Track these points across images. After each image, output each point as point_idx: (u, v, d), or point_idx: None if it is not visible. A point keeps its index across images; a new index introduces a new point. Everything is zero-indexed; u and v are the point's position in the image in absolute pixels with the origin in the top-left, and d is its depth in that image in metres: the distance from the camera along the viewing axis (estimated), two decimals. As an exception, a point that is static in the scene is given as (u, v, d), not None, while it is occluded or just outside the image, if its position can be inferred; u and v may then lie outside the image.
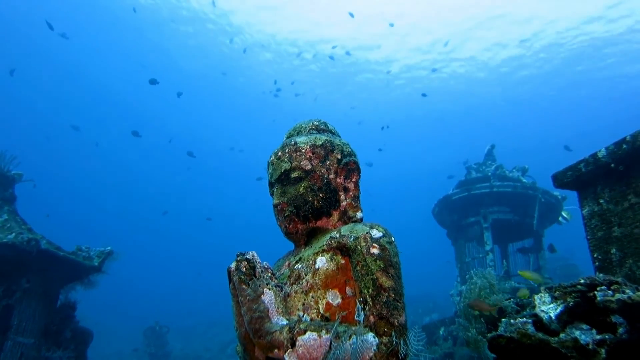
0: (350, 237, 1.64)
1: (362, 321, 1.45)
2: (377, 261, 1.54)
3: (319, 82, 38.04)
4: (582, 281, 2.01)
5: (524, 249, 10.42)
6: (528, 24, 28.97)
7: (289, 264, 1.83)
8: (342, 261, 1.64)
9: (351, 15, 24.10)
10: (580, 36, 28.77)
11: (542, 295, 2.10)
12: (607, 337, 1.74)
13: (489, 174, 10.81)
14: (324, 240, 1.74)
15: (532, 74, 33.45)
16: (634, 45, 28.13)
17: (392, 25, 26.10)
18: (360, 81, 37.67)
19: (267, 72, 36.92)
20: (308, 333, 1.40)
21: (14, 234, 6.76)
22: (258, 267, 1.62)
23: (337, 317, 1.52)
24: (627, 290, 1.82)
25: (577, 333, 1.81)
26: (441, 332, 9.04)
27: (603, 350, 1.71)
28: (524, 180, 10.48)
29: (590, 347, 1.74)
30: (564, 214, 10.25)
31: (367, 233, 1.63)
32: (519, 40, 29.43)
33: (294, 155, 1.87)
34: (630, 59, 29.31)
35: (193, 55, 35.98)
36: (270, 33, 33.21)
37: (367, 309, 1.47)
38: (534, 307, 2.10)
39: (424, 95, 25.50)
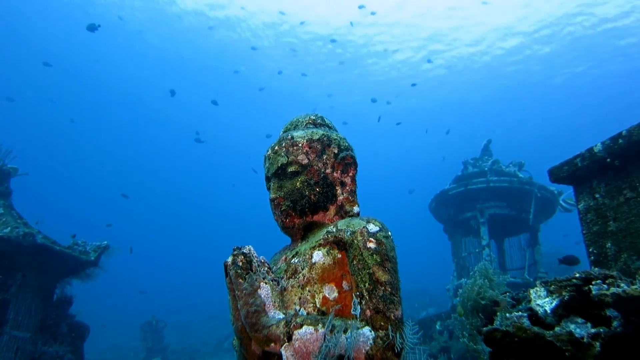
0: (347, 232, 1.64)
1: (358, 315, 1.45)
2: (374, 255, 1.54)
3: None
4: (577, 275, 2.02)
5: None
6: (524, 17, 28.93)
7: (286, 258, 1.82)
8: (339, 255, 1.64)
9: (360, 7, 25.67)
10: (574, 28, 28.78)
11: (538, 289, 2.11)
12: (601, 330, 1.75)
13: (486, 168, 10.83)
14: (320, 235, 1.73)
15: (530, 69, 33.43)
16: (633, 43, 28.15)
17: (374, 13, 26.55)
18: (357, 72, 37.64)
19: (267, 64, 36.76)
20: (304, 327, 1.40)
21: (9, 228, 6.73)
22: (254, 261, 1.61)
23: (332, 310, 1.52)
24: (622, 284, 1.83)
25: (572, 327, 1.83)
26: (437, 327, 9.09)
27: (597, 344, 1.72)
28: (521, 175, 10.50)
29: (585, 340, 1.75)
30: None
31: (363, 227, 1.63)
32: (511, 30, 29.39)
33: (290, 149, 1.86)
34: (627, 55, 29.34)
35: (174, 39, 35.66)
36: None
37: (363, 303, 1.46)
38: (530, 301, 2.11)
39: (413, 84, 25.73)
